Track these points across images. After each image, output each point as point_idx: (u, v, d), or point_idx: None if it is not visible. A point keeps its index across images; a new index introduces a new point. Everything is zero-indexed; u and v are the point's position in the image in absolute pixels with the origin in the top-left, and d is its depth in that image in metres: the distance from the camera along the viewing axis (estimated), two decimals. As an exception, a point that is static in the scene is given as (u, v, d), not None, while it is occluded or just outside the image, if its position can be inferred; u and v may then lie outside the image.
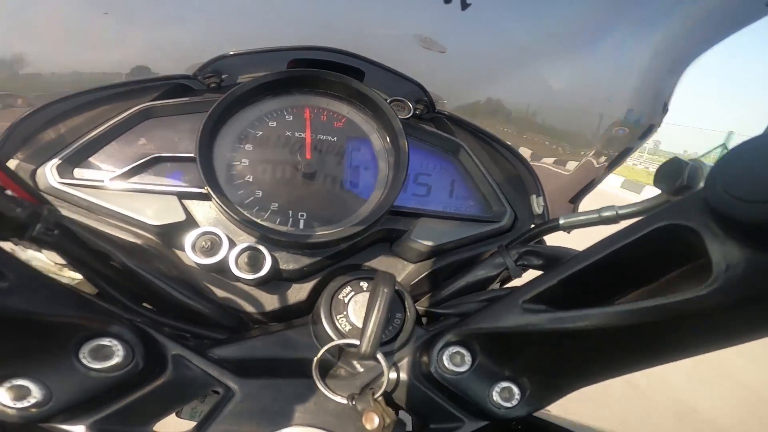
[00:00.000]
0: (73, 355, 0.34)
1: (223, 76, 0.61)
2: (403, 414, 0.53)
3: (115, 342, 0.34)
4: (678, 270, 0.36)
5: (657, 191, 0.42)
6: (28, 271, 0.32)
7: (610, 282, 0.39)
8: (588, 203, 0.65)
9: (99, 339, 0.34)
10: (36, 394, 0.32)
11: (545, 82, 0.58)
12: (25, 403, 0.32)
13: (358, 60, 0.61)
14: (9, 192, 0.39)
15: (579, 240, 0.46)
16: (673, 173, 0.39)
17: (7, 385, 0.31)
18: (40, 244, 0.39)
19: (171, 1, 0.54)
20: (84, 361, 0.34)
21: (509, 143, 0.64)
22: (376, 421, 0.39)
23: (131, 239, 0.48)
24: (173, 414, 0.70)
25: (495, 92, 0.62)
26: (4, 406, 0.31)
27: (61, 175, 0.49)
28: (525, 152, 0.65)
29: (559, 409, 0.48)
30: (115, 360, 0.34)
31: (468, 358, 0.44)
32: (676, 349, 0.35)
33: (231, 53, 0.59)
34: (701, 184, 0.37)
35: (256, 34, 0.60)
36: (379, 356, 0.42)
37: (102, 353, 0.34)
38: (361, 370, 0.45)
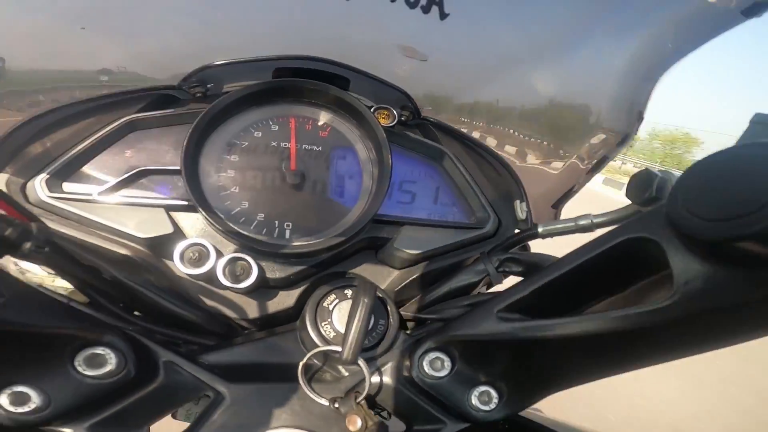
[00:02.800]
0: (69, 363, 0.36)
1: (208, 86, 0.61)
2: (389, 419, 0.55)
3: (108, 350, 0.36)
4: (644, 280, 0.38)
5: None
6: (21, 287, 0.34)
7: (581, 291, 0.40)
8: (573, 201, 0.67)
9: (92, 348, 0.36)
10: (36, 399, 0.34)
11: (526, 89, 0.58)
12: (25, 408, 0.34)
13: (342, 68, 0.61)
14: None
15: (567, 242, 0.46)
16: (642, 184, 0.40)
17: (8, 391, 0.34)
18: (31, 260, 0.40)
19: (153, 13, 0.54)
20: (79, 369, 0.36)
21: (496, 151, 0.65)
22: (359, 423, 0.41)
23: (122, 251, 0.49)
24: (169, 416, 0.73)
25: (478, 98, 0.63)
26: (5, 411, 0.33)
27: (50, 189, 0.50)
28: (510, 150, 0.65)
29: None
30: (109, 367, 0.36)
31: (447, 363, 0.45)
32: (642, 357, 0.37)
33: (216, 63, 0.59)
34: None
35: (241, 44, 0.60)
36: (361, 362, 0.43)
37: (96, 361, 0.36)
38: (346, 374, 0.47)
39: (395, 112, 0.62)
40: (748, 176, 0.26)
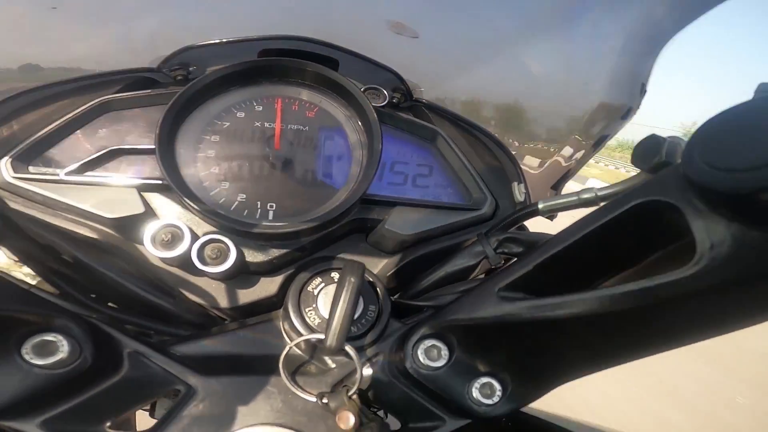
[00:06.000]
0: (15, 350, 0.32)
1: (190, 69, 0.58)
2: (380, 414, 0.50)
3: (59, 337, 0.33)
4: (661, 251, 0.34)
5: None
6: None
7: (590, 266, 0.36)
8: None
9: (43, 334, 0.32)
10: None
11: (522, 66, 0.56)
12: None
13: (331, 49, 0.59)
14: None
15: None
16: (650, 150, 0.37)
17: None
18: None
19: None
20: (26, 357, 0.32)
21: (490, 131, 0.62)
22: (351, 420, 0.36)
23: (88, 234, 0.46)
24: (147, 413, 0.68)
25: (472, 79, 0.61)
26: None
27: (15, 171, 0.47)
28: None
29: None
30: (60, 356, 0.32)
31: (445, 352, 0.41)
32: (664, 338, 0.33)
33: (198, 44, 0.57)
34: (680, 160, 0.36)
35: (225, 25, 0.58)
36: (351, 350, 0.39)
37: (47, 349, 0.32)
38: (333, 366, 0.43)
39: (386, 93, 0.60)
40: None
